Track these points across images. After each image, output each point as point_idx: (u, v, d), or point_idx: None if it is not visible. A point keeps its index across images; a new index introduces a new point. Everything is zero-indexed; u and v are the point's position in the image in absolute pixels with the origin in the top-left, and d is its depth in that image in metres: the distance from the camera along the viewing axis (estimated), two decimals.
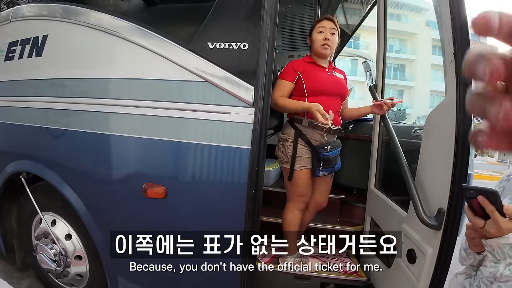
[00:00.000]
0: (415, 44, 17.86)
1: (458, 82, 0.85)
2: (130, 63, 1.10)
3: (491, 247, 0.57)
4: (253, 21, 0.97)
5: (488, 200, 0.54)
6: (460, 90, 0.85)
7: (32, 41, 1.31)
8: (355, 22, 2.47)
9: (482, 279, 0.61)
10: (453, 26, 0.84)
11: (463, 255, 0.71)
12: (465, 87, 0.85)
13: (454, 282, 0.76)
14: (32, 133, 1.31)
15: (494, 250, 0.57)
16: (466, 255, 0.69)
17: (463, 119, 0.87)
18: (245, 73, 0.97)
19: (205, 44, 0.99)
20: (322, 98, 1.32)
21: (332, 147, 1.32)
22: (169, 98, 1.03)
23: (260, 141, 0.95)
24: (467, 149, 0.87)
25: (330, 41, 1.32)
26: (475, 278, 0.66)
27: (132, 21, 1.10)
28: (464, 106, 0.85)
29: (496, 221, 0.54)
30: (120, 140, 1.09)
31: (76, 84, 1.19)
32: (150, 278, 1.17)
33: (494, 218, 0.54)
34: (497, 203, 0.54)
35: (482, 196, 0.55)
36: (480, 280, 0.62)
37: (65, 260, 1.34)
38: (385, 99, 1.30)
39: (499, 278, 0.56)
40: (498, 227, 0.54)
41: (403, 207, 1.22)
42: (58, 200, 1.28)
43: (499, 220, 0.53)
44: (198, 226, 1.07)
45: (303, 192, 1.37)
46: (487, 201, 0.55)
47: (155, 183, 1.04)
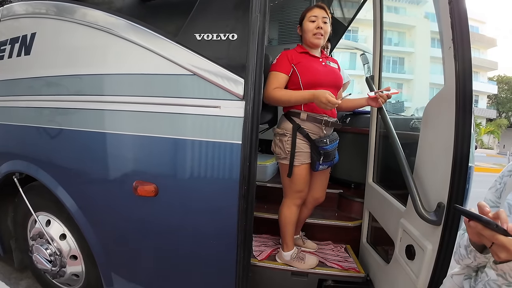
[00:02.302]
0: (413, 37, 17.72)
1: (457, 70, 0.81)
2: (117, 58, 1.06)
3: (502, 271, 0.51)
4: (242, 10, 0.93)
5: (484, 225, 0.48)
6: (459, 78, 0.81)
7: (21, 39, 1.29)
8: (351, 14, 2.42)
9: (488, 282, 0.57)
10: (451, 10, 0.81)
11: (462, 253, 0.65)
12: (464, 75, 0.81)
13: (450, 283, 0.73)
14: (23, 132, 1.29)
15: (506, 274, 0.51)
16: (466, 254, 0.63)
17: (463, 109, 0.83)
18: (234, 65, 0.93)
19: (193, 36, 0.95)
20: (318, 89, 1.28)
21: (331, 140, 1.29)
22: (156, 93, 1.00)
23: (251, 136, 0.91)
24: (468, 140, 0.83)
25: (323, 30, 1.27)
26: (476, 280, 0.62)
27: (119, 15, 1.06)
28: (464, 96, 0.82)
29: (503, 244, 0.47)
30: (108, 137, 1.06)
31: (63, 81, 1.16)
32: (144, 275, 1.16)
33: (500, 242, 0.47)
34: (497, 229, 0.47)
35: (473, 221, 0.49)
36: (486, 283, 0.58)
37: (60, 260, 1.33)
38: (380, 91, 1.26)
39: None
40: (508, 251, 0.47)
41: (402, 202, 1.19)
42: (52, 200, 1.26)
43: (506, 242, 0.47)
44: (190, 224, 1.05)
45: (301, 188, 1.34)
46: (480, 226, 0.48)
47: (145, 181, 1.01)
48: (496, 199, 0.67)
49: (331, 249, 1.62)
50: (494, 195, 0.68)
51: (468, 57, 0.80)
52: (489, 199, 0.68)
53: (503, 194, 0.65)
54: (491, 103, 24.02)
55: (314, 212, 1.60)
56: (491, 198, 0.68)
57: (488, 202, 0.68)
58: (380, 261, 1.36)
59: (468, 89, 0.81)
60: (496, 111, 23.28)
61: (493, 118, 22.39)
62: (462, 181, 0.83)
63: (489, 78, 23.71)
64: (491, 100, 24.08)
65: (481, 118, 21.68)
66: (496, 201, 0.67)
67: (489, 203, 0.68)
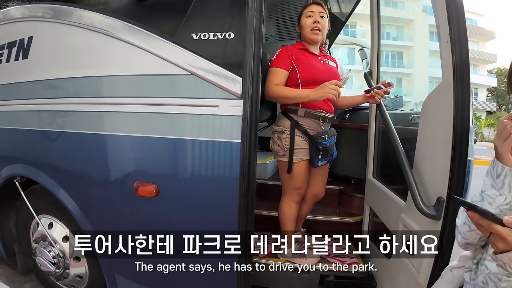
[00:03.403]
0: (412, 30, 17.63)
1: (454, 64, 0.81)
2: (115, 60, 1.07)
3: (501, 261, 0.51)
4: (238, 8, 0.93)
5: (480, 214, 0.48)
6: (457, 71, 0.82)
7: (18, 43, 1.29)
8: (348, 9, 2.42)
9: (488, 275, 0.57)
10: (447, 4, 0.81)
11: (466, 229, 0.61)
12: (462, 69, 0.81)
13: (450, 276, 0.73)
14: (23, 136, 1.30)
15: (505, 264, 0.51)
16: (470, 228, 0.60)
17: (461, 102, 0.83)
18: (232, 64, 0.94)
19: (189, 36, 0.96)
20: (316, 87, 1.28)
21: (329, 136, 1.30)
22: (155, 94, 1.00)
23: (250, 134, 0.92)
24: (466, 133, 0.84)
25: (320, 25, 1.28)
26: (476, 272, 0.62)
27: (116, 16, 1.06)
28: (462, 90, 0.82)
29: (500, 234, 0.47)
30: (108, 139, 1.07)
31: (62, 84, 1.16)
32: (148, 276, 1.17)
33: (496, 232, 0.48)
34: (493, 218, 0.47)
35: (471, 211, 0.50)
36: (487, 275, 0.58)
37: (64, 262, 1.34)
38: (376, 87, 1.27)
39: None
40: (505, 241, 0.48)
41: (402, 197, 1.19)
42: (53, 203, 1.27)
43: (503, 232, 0.47)
44: (192, 223, 1.05)
45: (300, 184, 1.35)
46: (477, 216, 0.49)
47: (146, 181, 1.02)
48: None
49: (332, 245, 1.63)
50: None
51: (466, 51, 0.81)
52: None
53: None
54: (491, 96, 23.98)
55: (315, 208, 1.61)
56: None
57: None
58: (381, 256, 1.37)
59: (466, 83, 0.81)
60: (496, 104, 23.25)
61: (493, 111, 22.35)
62: (461, 175, 0.84)
63: (489, 71, 23.64)
64: (491, 93, 24.03)
65: (481, 111, 21.65)
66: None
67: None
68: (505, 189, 0.54)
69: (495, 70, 24.13)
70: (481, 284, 0.58)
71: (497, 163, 0.56)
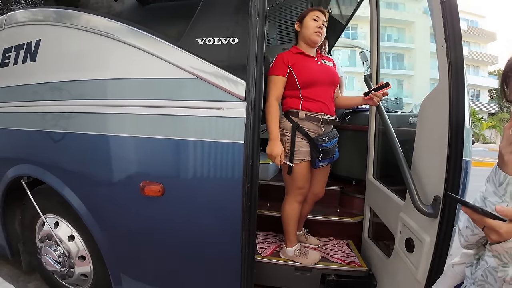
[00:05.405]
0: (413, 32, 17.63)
1: (450, 68, 0.84)
2: (122, 63, 1.09)
3: (497, 252, 0.54)
4: (241, 14, 0.96)
5: (472, 210, 0.51)
6: (452, 75, 0.84)
7: (26, 46, 1.31)
8: (349, 12, 2.45)
9: (488, 269, 0.59)
10: (443, 10, 0.83)
11: (469, 233, 0.63)
12: (457, 73, 0.84)
13: (451, 272, 0.75)
14: (31, 137, 1.32)
15: (500, 255, 0.54)
16: (473, 232, 0.62)
17: (456, 104, 0.86)
18: (235, 68, 0.96)
19: (195, 41, 0.98)
20: (315, 88, 1.31)
21: (330, 138, 1.32)
22: (161, 96, 1.03)
23: (253, 136, 0.94)
24: (461, 134, 0.86)
25: (322, 31, 1.33)
26: (477, 267, 0.64)
27: (122, 21, 1.09)
28: (457, 92, 0.85)
29: (491, 227, 0.50)
30: (115, 140, 1.09)
31: (68, 86, 1.19)
32: (152, 275, 1.19)
33: (488, 225, 0.50)
34: (483, 213, 0.50)
35: (464, 207, 0.52)
36: (486, 269, 0.59)
37: (69, 261, 1.36)
38: (374, 89, 1.29)
39: (509, 281, 0.54)
40: (497, 233, 0.50)
41: (401, 196, 1.21)
42: (60, 202, 1.29)
43: (494, 225, 0.49)
44: (196, 222, 1.08)
45: (302, 185, 1.37)
46: (470, 210, 0.51)
47: (152, 181, 1.04)
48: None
49: (333, 244, 1.65)
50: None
51: (460, 55, 0.83)
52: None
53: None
54: (493, 98, 23.89)
55: (316, 208, 1.62)
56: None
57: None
58: (381, 255, 1.39)
59: (461, 86, 0.84)
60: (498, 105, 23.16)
61: (495, 113, 22.27)
62: (457, 174, 0.86)
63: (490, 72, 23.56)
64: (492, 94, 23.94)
65: (483, 113, 21.56)
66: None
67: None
68: (507, 196, 0.56)
69: (496, 72, 24.04)
70: (481, 277, 0.60)
71: (499, 171, 0.56)
